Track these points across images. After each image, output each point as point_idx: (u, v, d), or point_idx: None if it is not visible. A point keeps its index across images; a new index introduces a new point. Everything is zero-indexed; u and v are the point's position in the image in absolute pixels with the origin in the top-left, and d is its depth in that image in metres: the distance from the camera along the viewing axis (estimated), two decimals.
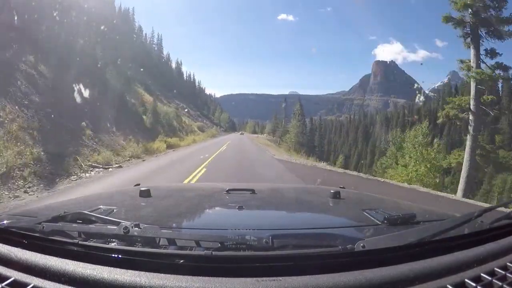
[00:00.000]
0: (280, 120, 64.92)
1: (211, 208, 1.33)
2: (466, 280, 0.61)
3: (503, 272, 0.64)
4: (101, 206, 1.02)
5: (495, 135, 30.09)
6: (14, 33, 11.03)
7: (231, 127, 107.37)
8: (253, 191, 1.37)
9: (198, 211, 1.27)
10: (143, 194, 1.26)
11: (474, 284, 0.60)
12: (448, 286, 0.60)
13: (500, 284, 0.61)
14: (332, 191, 1.35)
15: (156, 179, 8.41)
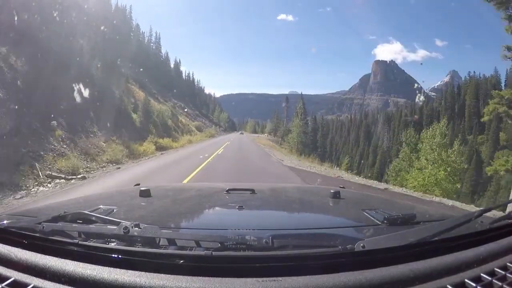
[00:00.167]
0: (282, 120, 63.17)
1: (211, 208, 1.33)
2: (466, 280, 0.61)
3: (503, 272, 0.64)
4: (101, 206, 1.03)
5: None
6: None
7: (231, 127, 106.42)
8: (253, 191, 1.37)
9: (198, 211, 1.27)
10: (143, 194, 1.26)
11: (474, 284, 0.60)
12: (448, 286, 0.60)
13: (500, 284, 0.61)
14: (332, 191, 1.35)
15: None
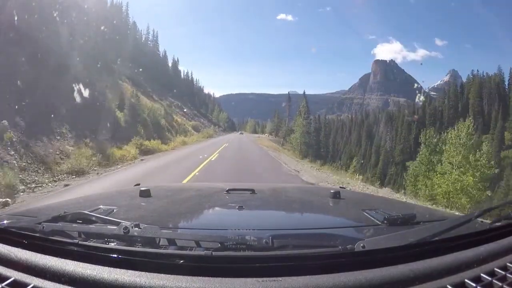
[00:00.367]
0: (283, 119, 60.85)
1: (211, 208, 1.33)
2: (466, 280, 0.61)
3: (503, 272, 0.64)
4: (101, 206, 1.03)
5: None
6: None
7: (231, 127, 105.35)
8: (253, 191, 1.37)
9: (198, 211, 1.27)
10: (143, 194, 1.26)
11: (474, 284, 0.60)
12: (448, 286, 0.60)
13: (500, 284, 0.61)
14: (332, 191, 1.35)
15: None
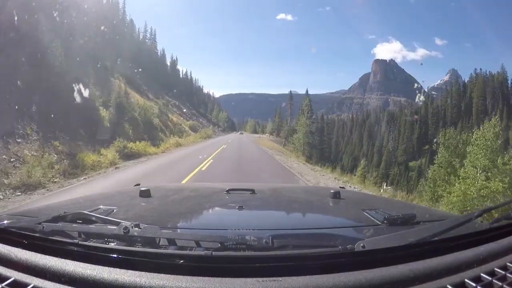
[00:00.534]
0: (284, 119, 58.40)
1: (211, 208, 1.33)
2: (466, 280, 0.61)
3: (503, 272, 0.64)
4: (101, 206, 1.03)
5: None
6: None
7: (230, 127, 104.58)
8: (253, 191, 1.37)
9: (198, 211, 1.27)
10: (143, 194, 1.26)
11: (474, 284, 0.60)
12: (448, 286, 0.60)
13: (500, 284, 0.61)
14: (332, 191, 1.35)
15: None
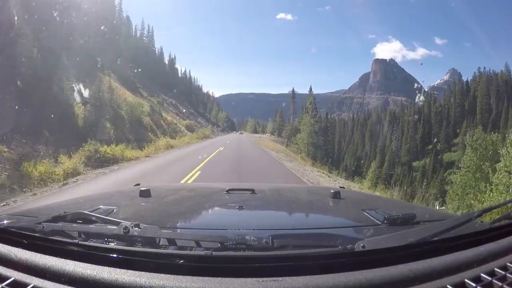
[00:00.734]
0: (287, 118, 55.58)
1: (211, 208, 1.33)
2: (466, 280, 0.61)
3: (503, 272, 0.64)
4: (101, 206, 1.03)
5: None
6: None
7: (230, 127, 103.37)
8: (253, 191, 1.37)
9: (198, 211, 1.27)
10: (143, 194, 1.26)
11: (474, 284, 0.60)
12: (448, 286, 0.60)
13: (500, 284, 0.61)
14: (332, 191, 1.35)
15: None
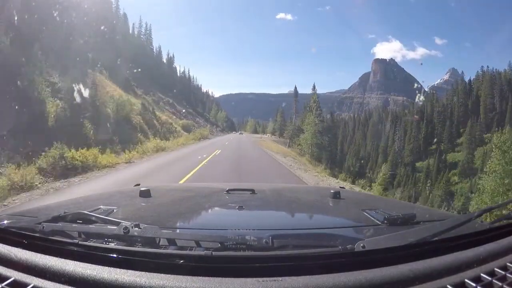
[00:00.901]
0: (289, 117, 53.31)
1: (211, 208, 1.33)
2: (466, 280, 0.61)
3: (503, 272, 0.64)
4: (101, 206, 1.03)
5: None
6: None
7: (230, 127, 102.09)
8: (253, 191, 1.37)
9: (198, 211, 1.27)
10: (143, 194, 1.26)
11: (474, 284, 0.60)
12: (448, 286, 0.60)
13: (500, 284, 0.61)
14: (332, 191, 1.35)
15: None
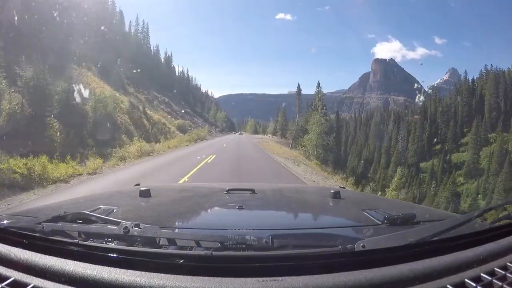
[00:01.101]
0: (292, 116, 49.73)
1: (211, 208, 1.33)
2: (466, 280, 0.61)
3: (503, 272, 0.64)
4: (101, 206, 1.03)
5: None
6: None
7: (229, 127, 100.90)
8: (253, 191, 1.37)
9: (198, 211, 1.27)
10: (143, 194, 1.26)
11: (474, 284, 0.60)
12: (448, 286, 0.60)
13: (500, 284, 0.61)
14: (332, 191, 1.35)
15: None
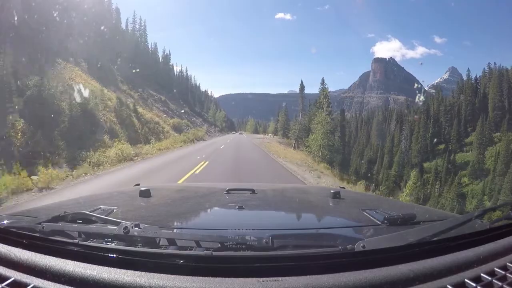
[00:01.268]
0: (294, 115, 47.84)
1: (211, 208, 1.33)
2: (466, 280, 0.61)
3: (503, 272, 0.64)
4: (101, 206, 1.03)
5: None
6: None
7: (229, 127, 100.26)
8: (253, 191, 1.37)
9: (198, 211, 1.27)
10: (143, 194, 1.26)
11: (474, 284, 0.60)
12: (448, 286, 0.60)
13: (500, 284, 0.61)
14: (332, 191, 1.35)
15: None
